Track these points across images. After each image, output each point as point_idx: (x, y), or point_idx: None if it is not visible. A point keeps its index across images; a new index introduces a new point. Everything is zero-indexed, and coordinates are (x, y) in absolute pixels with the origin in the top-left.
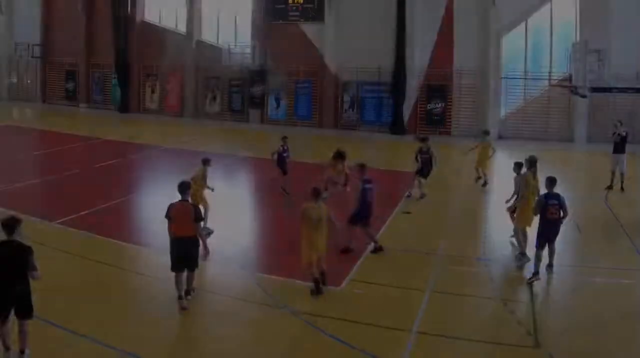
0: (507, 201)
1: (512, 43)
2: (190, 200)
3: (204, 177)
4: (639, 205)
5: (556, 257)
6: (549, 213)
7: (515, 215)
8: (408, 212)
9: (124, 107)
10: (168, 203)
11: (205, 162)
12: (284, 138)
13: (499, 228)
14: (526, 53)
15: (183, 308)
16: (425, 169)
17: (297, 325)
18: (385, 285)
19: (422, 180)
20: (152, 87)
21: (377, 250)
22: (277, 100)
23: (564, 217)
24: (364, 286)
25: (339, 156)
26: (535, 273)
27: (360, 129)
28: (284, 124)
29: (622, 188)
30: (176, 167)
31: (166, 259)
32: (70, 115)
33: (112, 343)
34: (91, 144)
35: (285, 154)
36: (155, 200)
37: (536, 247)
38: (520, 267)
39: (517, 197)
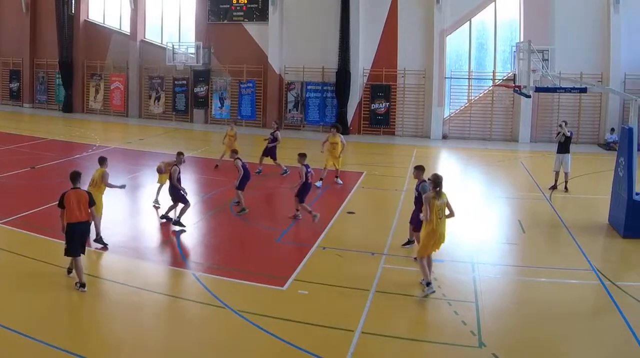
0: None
1: (456, 43)
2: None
3: (103, 179)
4: (583, 205)
5: (499, 257)
6: None
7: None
8: (352, 212)
9: (68, 107)
10: (114, 203)
11: (102, 162)
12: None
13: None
14: (470, 53)
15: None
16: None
17: (239, 325)
18: (330, 285)
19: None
20: (96, 87)
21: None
22: (221, 100)
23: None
24: (308, 286)
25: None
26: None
27: (304, 129)
28: (227, 124)
29: (566, 189)
30: (121, 167)
31: (111, 259)
32: (14, 115)
33: (51, 342)
34: (35, 144)
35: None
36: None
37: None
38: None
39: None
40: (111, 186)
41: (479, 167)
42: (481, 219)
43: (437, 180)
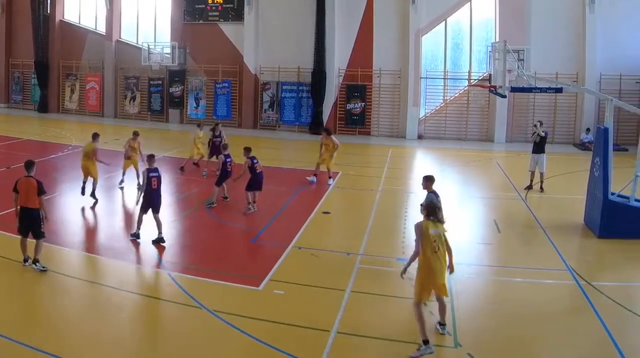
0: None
1: (432, 43)
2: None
3: (94, 152)
4: (559, 205)
5: (475, 257)
6: None
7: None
8: (327, 212)
9: (43, 107)
10: (90, 203)
11: (95, 137)
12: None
13: None
14: (446, 53)
15: (24, 263)
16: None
17: (214, 325)
18: (305, 285)
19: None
20: (71, 87)
21: None
22: (197, 100)
23: None
24: (283, 286)
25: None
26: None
27: (280, 129)
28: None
29: (541, 189)
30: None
31: (87, 259)
32: None
33: (27, 342)
34: (11, 144)
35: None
36: (74, 200)
37: None
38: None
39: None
40: (100, 161)
41: (455, 167)
42: (457, 219)
43: (429, 208)
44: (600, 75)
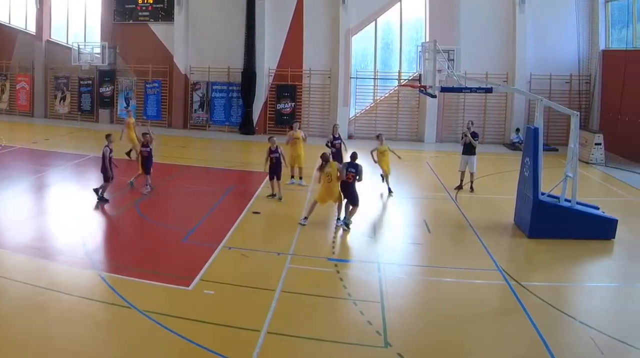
0: None
1: (362, 43)
2: None
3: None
4: (489, 205)
5: (405, 257)
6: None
7: None
8: (257, 212)
9: None
10: (19, 203)
11: None
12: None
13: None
14: (376, 53)
15: None
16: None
17: (144, 325)
18: (236, 285)
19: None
20: (1, 87)
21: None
22: (127, 100)
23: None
24: (214, 286)
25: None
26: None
27: (210, 129)
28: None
29: (471, 189)
30: (27, 166)
31: (16, 259)
32: None
33: None
34: None
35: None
36: (5, 200)
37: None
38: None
39: None
40: None
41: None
42: (387, 219)
43: (324, 159)
44: (530, 75)
